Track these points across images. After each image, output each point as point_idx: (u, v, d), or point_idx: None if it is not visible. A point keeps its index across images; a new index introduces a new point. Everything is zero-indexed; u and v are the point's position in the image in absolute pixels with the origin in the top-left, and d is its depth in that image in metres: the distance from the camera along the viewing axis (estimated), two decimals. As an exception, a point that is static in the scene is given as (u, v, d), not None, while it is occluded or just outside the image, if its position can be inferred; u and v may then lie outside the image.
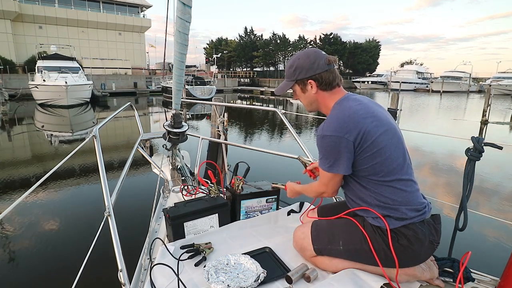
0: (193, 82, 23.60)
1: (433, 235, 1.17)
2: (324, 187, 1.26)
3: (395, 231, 1.15)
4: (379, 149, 1.13)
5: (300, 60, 1.25)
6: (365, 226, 1.20)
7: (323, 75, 1.23)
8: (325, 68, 1.23)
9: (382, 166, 1.14)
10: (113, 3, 34.36)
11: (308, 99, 1.30)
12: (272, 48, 54.21)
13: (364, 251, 1.18)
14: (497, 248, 3.36)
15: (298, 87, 1.29)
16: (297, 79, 1.27)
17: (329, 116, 1.20)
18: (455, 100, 28.29)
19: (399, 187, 1.15)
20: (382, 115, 1.19)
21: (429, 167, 6.70)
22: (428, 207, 1.21)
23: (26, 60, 27.16)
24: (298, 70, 1.25)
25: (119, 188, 1.55)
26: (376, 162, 1.13)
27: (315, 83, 1.24)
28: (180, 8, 1.66)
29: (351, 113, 1.15)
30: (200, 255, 1.36)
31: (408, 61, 69.63)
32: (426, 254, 1.18)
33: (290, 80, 1.30)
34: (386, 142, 1.14)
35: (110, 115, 2.11)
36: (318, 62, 1.23)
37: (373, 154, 1.13)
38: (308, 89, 1.27)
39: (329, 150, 1.16)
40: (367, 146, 1.12)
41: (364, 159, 1.14)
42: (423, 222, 1.16)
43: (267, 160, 5.55)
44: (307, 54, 1.26)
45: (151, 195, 1.93)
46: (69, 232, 3.67)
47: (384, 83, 47.06)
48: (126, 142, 9.26)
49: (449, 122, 14.26)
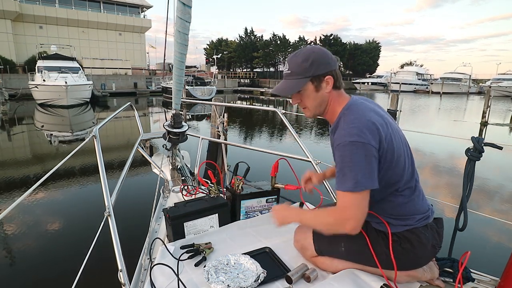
0: (193, 83, 23.62)
1: (436, 239, 1.16)
2: (349, 212, 1.01)
3: (398, 235, 1.14)
4: (397, 158, 1.06)
5: (316, 54, 1.09)
6: (368, 229, 1.18)
7: (338, 72, 1.13)
8: (337, 65, 1.13)
9: (397, 177, 1.08)
10: (114, 3, 34.40)
11: (319, 99, 1.13)
12: (272, 49, 54.25)
13: (366, 253, 1.17)
14: (497, 248, 3.36)
15: (312, 85, 1.11)
16: (313, 75, 1.09)
17: (346, 123, 1.05)
18: (455, 101, 28.31)
19: (407, 196, 1.12)
20: (391, 120, 1.13)
21: (429, 167, 6.70)
22: (431, 211, 1.19)
23: (26, 60, 27.16)
24: (316, 64, 1.08)
25: (119, 188, 1.55)
26: (393, 173, 1.07)
27: (332, 80, 1.10)
28: (180, 8, 1.67)
29: (368, 119, 1.03)
30: (200, 255, 1.35)
31: (408, 62, 69.77)
32: (428, 257, 1.18)
33: (303, 77, 1.09)
34: (400, 150, 1.08)
35: (110, 115, 2.11)
36: (332, 57, 1.12)
37: (392, 164, 1.05)
38: (323, 87, 1.11)
39: (354, 160, 0.98)
40: (387, 156, 1.03)
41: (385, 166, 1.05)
42: (426, 226, 1.15)
43: (267, 160, 5.49)
44: (321, 48, 1.12)
45: (151, 195, 1.93)
46: (69, 232, 3.66)
47: (384, 84, 47.10)
48: (126, 142, 9.26)
49: (449, 123, 14.27)
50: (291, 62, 1.13)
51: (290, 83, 1.13)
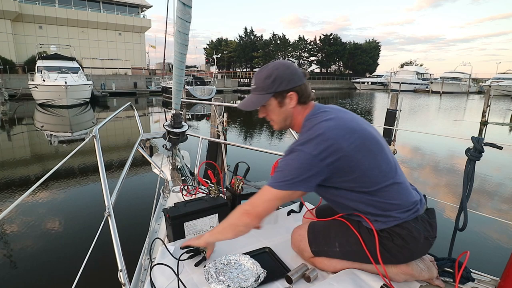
0: (193, 83, 23.61)
1: (428, 230, 1.16)
2: (260, 203, 1.12)
3: (388, 231, 1.15)
4: (369, 160, 1.09)
5: (279, 70, 1.13)
6: (360, 227, 1.20)
7: (303, 87, 1.15)
8: (303, 80, 1.16)
9: (374, 177, 1.10)
10: (113, 3, 34.37)
11: (284, 114, 1.18)
12: (272, 48, 54.27)
13: (360, 252, 1.18)
14: (497, 248, 3.36)
15: (275, 101, 1.16)
16: (276, 91, 1.14)
17: (301, 135, 1.13)
18: (454, 101, 28.31)
19: (386, 194, 1.12)
20: (355, 124, 1.12)
21: (429, 167, 6.70)
22: (421, 203, 1.19)
23: (26, 60, 27.16)
24: (278, 81, 1.12)
25: (119, 188, 1.55)
26: (369, 174, 1.09)
27: (296, 96, 1.15)
28: (180, 8, 1.66)
29: (319, 133, 1.06)
30: (200, 255, 1.35)
31: (408, 61, 69.77)
32: (423, 250, 1.18)
33: (266, 92, 1.15)
34: (374, 152, 1.10)
35: (110, 115, 2.11)
36: (297, 73, 1.15)
37: (351, 168, 1.08)
38: (286, 103, 1.16)
39: (291, 164, 1.06)
40: (344, 163, 1.07)
41: (343, 174, 1.09)
42: (417, 219, 1.15)
43: (267, 160, 5.51)
44: (285, 64, 1.16)
45: (151, 195, 1.93)
46: (69, 232, 3.66)
47: (384, 83, 47.14)
48: (126, 142, 9.27)
49: (449, 123, 14.27)
50: (256, 77, 1.18)
51: (254, 97, 1.18)
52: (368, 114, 16.94)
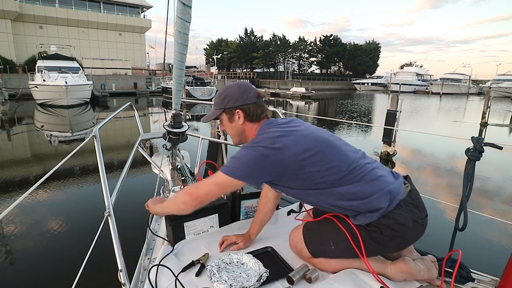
0: (193, 83, 23.63)
1: (415, 213, 1.16)
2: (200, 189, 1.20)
3: (376, 224, 1.15)
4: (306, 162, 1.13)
5: (230, 89, 1.28)
6: (347, 224, 1.20)
7: (251, 107, 1.25)
8: (254, 100, 1.26)
9: (324, 177, 1.14)
10: (114, 3, 34.42)
11: (235, 129, 1.30)
12: (272, 49, 54.32)
13: (353, 248, 1.19)
14: (497, 248, 3.35)
15: (226, 116, 1.30)
16: (225, 108, 1.28)
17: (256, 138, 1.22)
18: (454, 102, 28.32)
19: (353, 187, 1.14)
20: (304, 132, 1.19)
21: (429, 167, 6.70)
22: (399, 188, 1.18)
23: (26, 60, 27.16)
24: (227, 99, 1.27)
25: (119, 188, 1.55)
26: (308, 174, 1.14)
27: (242, 114, 1.26)
28: (180, 8, 1.66)
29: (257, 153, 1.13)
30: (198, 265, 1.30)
31: (408, 63, 69.86)
32: (416, 233, 1.18)
33: (218, 108, 1.30)
34: (329, 153, 1.15)
35: (110, 115, 2.11)
36: (247, 93, 1.26)
37: (301, 168, 1.13)
38: (235, 119, 1.28)
39: (242, 157, 1.14)
40: (293, 170, 1.13)
41: (295, 174, 1.14)
42: (400, 205, 1.15)
43: (267, 161, 5.46)
44: (238, 84, 1.30)
45: (151, 195, 1.93)
46: (69, 232, 3.66)
47: (384, 84, 47.15)
48: (126, 142, 9.26)
49: (449, 124, 14.27)
50: (216, 95, 1.36)
51: (211, 111, 1.36)
52: (368, 115, 16.95)
